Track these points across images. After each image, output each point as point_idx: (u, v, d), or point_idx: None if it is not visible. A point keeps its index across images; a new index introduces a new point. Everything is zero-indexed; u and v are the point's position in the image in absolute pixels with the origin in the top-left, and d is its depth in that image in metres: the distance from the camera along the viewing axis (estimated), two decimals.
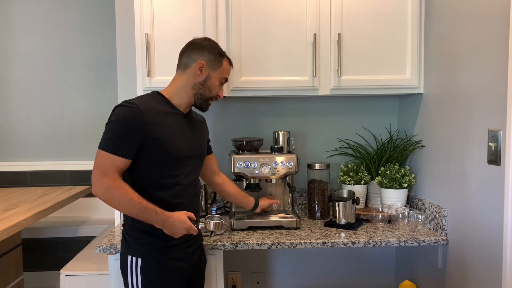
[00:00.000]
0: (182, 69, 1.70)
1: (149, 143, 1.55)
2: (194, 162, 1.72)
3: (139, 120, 1.53)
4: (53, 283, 3.26)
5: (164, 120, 1.61)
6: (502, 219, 1.54)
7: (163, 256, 1.62)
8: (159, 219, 1.55)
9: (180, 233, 1.59)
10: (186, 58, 1.70)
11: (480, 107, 1.70)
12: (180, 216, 1.59)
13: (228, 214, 2.39)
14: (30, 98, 3.36)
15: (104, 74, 3.35)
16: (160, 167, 1.60)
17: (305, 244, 1.93)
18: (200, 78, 1.68)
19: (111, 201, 1.54)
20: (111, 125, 1.54)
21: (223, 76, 1.75)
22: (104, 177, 1.51)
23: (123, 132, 1.53)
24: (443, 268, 2.01)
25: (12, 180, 3.32)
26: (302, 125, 2.53)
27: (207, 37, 1.78)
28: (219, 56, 1.72)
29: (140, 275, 1.61)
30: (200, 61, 1.67)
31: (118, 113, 1.55)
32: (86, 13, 3.35)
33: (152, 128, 1.55)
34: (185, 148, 1.65)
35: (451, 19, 1.92)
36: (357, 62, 2.17)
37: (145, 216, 1.54)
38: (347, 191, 2.19)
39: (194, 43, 1.73)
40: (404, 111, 2.48)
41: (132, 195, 1.52)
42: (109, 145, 1.52)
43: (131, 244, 1.63)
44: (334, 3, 2.14)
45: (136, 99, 1.61)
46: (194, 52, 1.69)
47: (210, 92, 1.72)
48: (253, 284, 2.57)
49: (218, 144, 2.47)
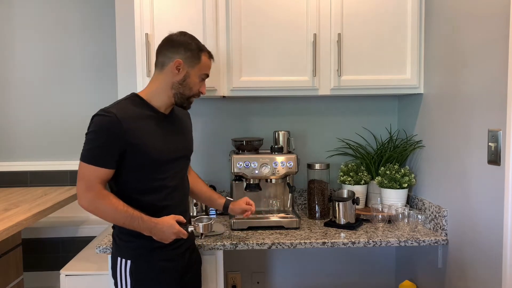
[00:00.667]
0: (160, 69, 1.63)
1: (130, 150, 1.53)
2: (179, 163, 1.68)
3: (118, 128, 1.50)
4: (53, 283, 3.25)
5: (144, 125, 1.57)
6: (502, 219, 1.54)
7: (152, 258, 1.61)
8: (146, 226, 1.54)
9: (169, 239, 1.57)
10: (163, 57, 1.62)
11: (480, 107, 1.70)
12: (168, 221, 1.56)
13: (228, 214, 2.39)
14: (30, 98, 3.36)
15: (104, 74, 3.35)
16: (144, 172, 1.58)
17: (305, 244, 1.93)
18: (178, 77, 1.61)
19: (97, 212, 1.54)
20: (90, 135, 1.52)
21: (203, 72, 1.66)
22: (88, 190, 1.51)
23: (102, 142, 1.51)
24: (443, 268, 2.01)
25: (12, 180, 3.32)
26: (302, 125, 2.53)
27: (184, 32, 1.67)
28: (196, 52, 1.62)
29: (129, 277, 1.60)
30: (177, 59, 1.59)
31: (96, 123, 1.52)
32: (86, 13, 3.35)
33: (131, 135, 1.52)
34: (168, 151, 1.62)
35: (451, 19, 1.92)
36: (357, 62, 2.17)
37: (132, 224, 1.53)
38: (347, 191, 2.19)
39: (169, 40, 1.64)
40: (404, 111, 2.48)
41: (117, 204, 1.52)
42: (89, 157, 1.51)
43: (121, 246, 1.63)
44: (334, 3, 2.14)
45: (114, 106, 1.57)
46: (170, 50, 1.61)
47: (190, 91, 1.64)
48: (253, 284, 2.57)
49: (218, 144, 2.48)
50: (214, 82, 2.13)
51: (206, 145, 2.47)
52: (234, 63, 2.14)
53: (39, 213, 2.28)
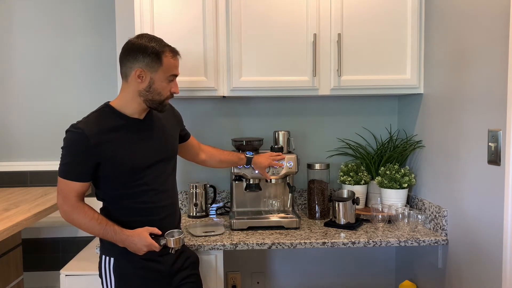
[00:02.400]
0: (124, 79, 1.60)
1: (104, 163, 1.55)
2: (159, 167, 1.66)
3: (85, 145, 1.52)
4: (53, 283, 3.25)
5: (115, 136, 1.57)
6: (502, 219, 1.54)
7: (133, 256, 1.61)
8: (119, 239, 1.56)
9: (141, 251, 1.57)
10: (124, 67, 1.58)
11: (480, 107, 1.70)
12: (140, 234, 1.56)
13: (228, 214, 2.40)
14: (30, 98, 3.36)
15: (104, 74, 3.34)
16: (122, 180, 1.59)
17: (305, 244, 1.93)
18: (143, 85, 1.57)
19: (74, 223, 1.59)
20: (63, 151, 1.56)
21: (169, 74, 1.59)
22: (64, 203, 1.57)
23: (72, 158, 1.55)
24: (443, 268, 2.01)
25: (12, 180, 3.31)
26: (302, 125, 2.53)
27: (141, 35, 1.61)
28: (155, 55, 1.55)
29: (113, 275, 1.62)
30: (136, 68, 1.54)
31: (67, 139, 1.56)
32: (86, 13, 3.34)
33: (103, 149, 1.53)
34: (142, 158, 1.61)
35: (451, 19, 1.92)
36: (357, 62, 2.17)
37: (106, 236, 1.57)
38: (347, 191, 2.19)
39: (126, 48, 1.58)
40: (404, 111, 2.48)
41: (91, 217, 1.55)
42: (64, 172, 1.56)
43: (105, 244, 1.65)
44: (334, 3, 2.14)
45: (83, 121, 1.57)
46: (129, 59, 1.56)
47: (160, 95, 1.60)
48: (253, 284, 2.57)
49: (218, 144, 2.47)
50: (214, 82, 2.13)
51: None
52: (234, 63, 2.14)
53: (39, 213, 2.28)
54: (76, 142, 1.53)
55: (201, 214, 2.36)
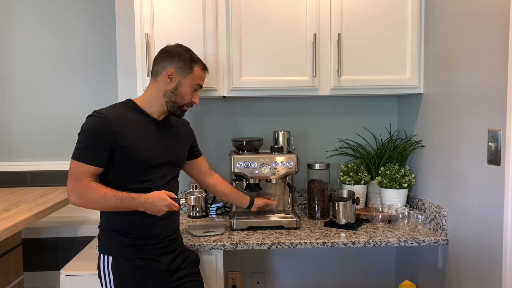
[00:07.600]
0: (154, 77, 1.72)
1: (118, 151, 1.59)
2: (166, 169, 1.71)
3: (107, 129, 1.57)
4: (53, 283, 3.25)
5: (133, 128, 1.63)
6: (502, 219, 1.54)
7: (132, 255, 1.63)
8: (138, 203, 1.58)
9: (162, 211, 1.61)
10: (157, 66, 1.71)
11: (480, 107, 1.70)
12: (159, 195, 1.61)
13: (228, 214, 2.40)
14: (30, 98, 3.36)
15: (104, 74, 3.34)
16: (128, 173, 1.63)
17: (305, 244, 1.93)
18: (171, 85, 1.69)
19: (88, 204, 1.58)
20: (82, 135, 1.59)
21: (195, 82, 1.73)
22: (76, 183, 1.57)
23: (92, 141, 1.58)
24: (443, 268, 2.01)
25: (12, 180, 3.31)
26: (302, 125, 2.53)
27: (179, 44, 1.76)
28: (189, 62, 1.70)
29: (112, 273, 1.64)
30: (169, 68, 1.67)
31: (87, 124, 1.60)
32: (86, 13, 3.34)
33: (120, 137, 1.58)
34: (154, 154, 1.66)
35: (451, 19, 1.92)
36: (357, 62, 2.17)
37: (123, 205, 1.58)
38: (347, 191, 2.19)
39: (165, 50, 1.73)
40: (404, 111, 2.48)
41: (105, 190, 1.57)
42: (80, 155, 1.58)
43: (104, 243, 1.67)
44: (334, 4, 2.14)
45: (106, 108, 1.64)
46: (164, 60, 1.70)
47: (182, 99, 1.71)
48: (253, 284, 2.57)
49: (218, 144, 2.48)
50: (214, 82, 2.13)
51: (206, 145, 2.47)
52: (234, 63, 2.14)
53: (39, 213, 2.28)
54: (98, 125, 1.57)
55: (201, 214, 2.36)
